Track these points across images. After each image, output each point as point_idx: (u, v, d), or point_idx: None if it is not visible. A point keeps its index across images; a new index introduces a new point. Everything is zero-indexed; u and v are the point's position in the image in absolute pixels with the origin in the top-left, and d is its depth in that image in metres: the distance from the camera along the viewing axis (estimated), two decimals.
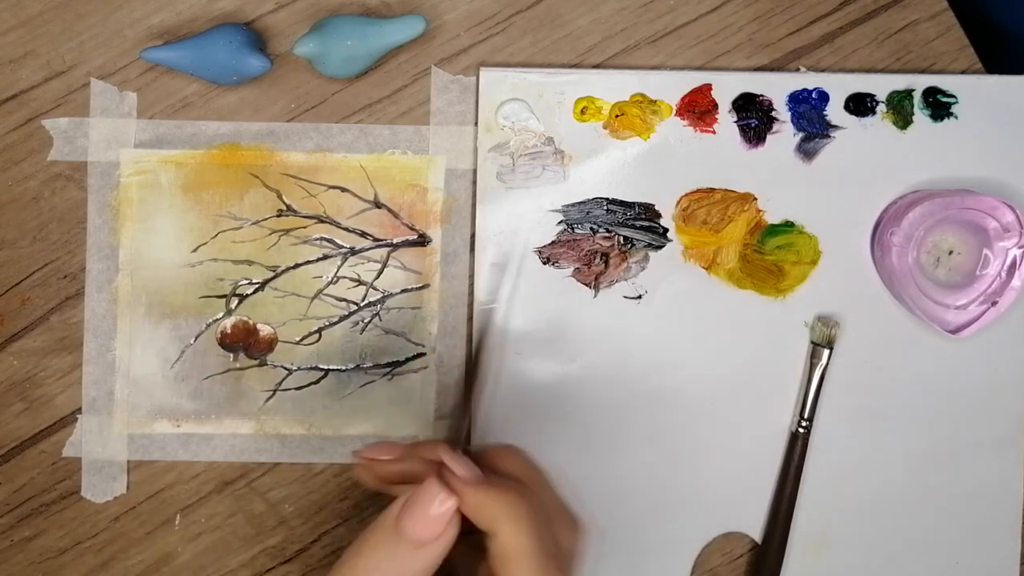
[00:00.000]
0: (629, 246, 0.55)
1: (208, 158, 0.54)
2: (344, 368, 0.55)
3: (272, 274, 0.54)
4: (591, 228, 0.55)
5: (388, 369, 0.55)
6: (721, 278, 0.55)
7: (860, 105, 0.55)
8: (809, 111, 0.55)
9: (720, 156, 0.55)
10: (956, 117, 0.55)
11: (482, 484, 0.38)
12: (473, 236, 0.55)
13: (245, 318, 0.55)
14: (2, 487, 0.54)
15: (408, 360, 0.55)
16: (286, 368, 0.55)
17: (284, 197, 0.54)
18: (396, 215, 0.55)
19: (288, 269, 0.55)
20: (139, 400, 0.54)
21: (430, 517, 0.37)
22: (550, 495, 0.41)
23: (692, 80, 0.55)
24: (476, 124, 0.55)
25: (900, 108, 0.55)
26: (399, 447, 0.43)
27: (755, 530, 0.56)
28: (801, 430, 0.55)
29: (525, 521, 0.37)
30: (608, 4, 0.55)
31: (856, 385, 0.55)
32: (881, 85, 0.55)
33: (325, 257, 0.55)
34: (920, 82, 0.55)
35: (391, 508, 0.39)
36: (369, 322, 0.55)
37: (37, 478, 0.54)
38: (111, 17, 0.54)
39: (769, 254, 0.55)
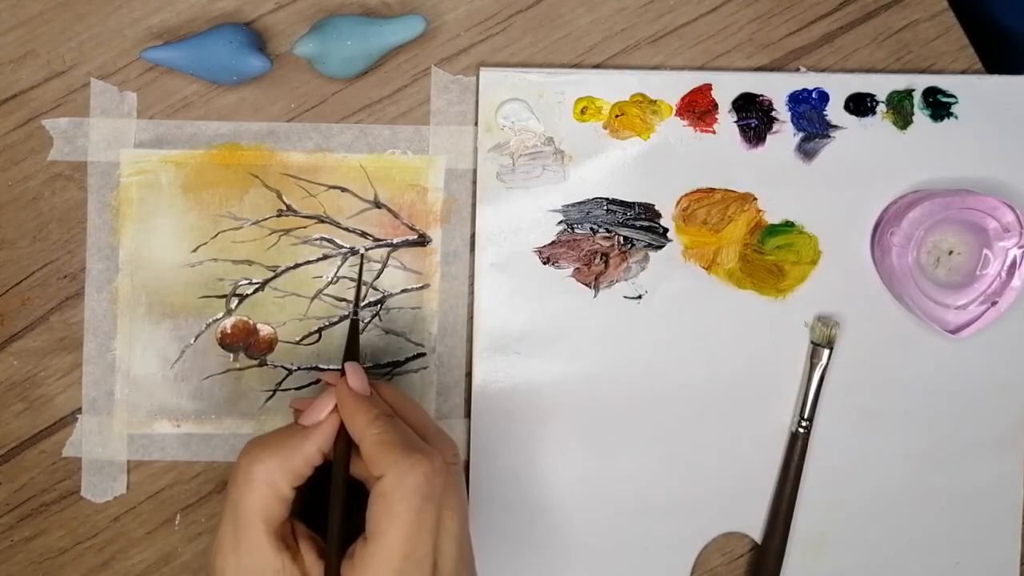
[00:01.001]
0: (629, 246, 0.55)
1: (208, 158, 0.54)
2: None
3: (272, 274, 0.54)
4: (591, 228, 0.55)
5: (388, 369, 0.55)
6: (721, 278, 0.55)
7: (860, 105, 0.55)
8: (809, 111, 0.55)
9: (720, 156, 0.55)
10: (956, 117, 0.55)
11: (360, 398, 0.46)
12: (473, 236, 0.55)
13: (245, 318, 0.55)
14: (2, 487, 0.54)
15: (408, 360, 0.55)
16: (286, 368, 0.55)
17: (284, 197, 0.54)
18: (396, 215, 0.55)
19: (288, 269, 0.55)
20: (139, 400, 0.54)
21: (318, 405, 0.46)
22: (420, 418, 0.48)
23: (692, 80, 0.55)
24: (476, 124, 0.55)
25: (900, 108, 0.55)
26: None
27: (755, 530, 0.56)
28: (801, 430, 0.55)
29: (383, 429, 0.44)
30: (608, 4, 0.55)
31: (856, 385, 0.55)
32: (881, 85, 0.55)
33: (325, 257, 0.55)
34: (920, 82, 0.55)
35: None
36: (369, 322, 0.55)
37: (37, 478, 0.54)
38: (111, 17, 0.54)
39: (769, 254, 0.55)
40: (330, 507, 0.45)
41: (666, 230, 0.55)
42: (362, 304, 0.55)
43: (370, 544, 0.42)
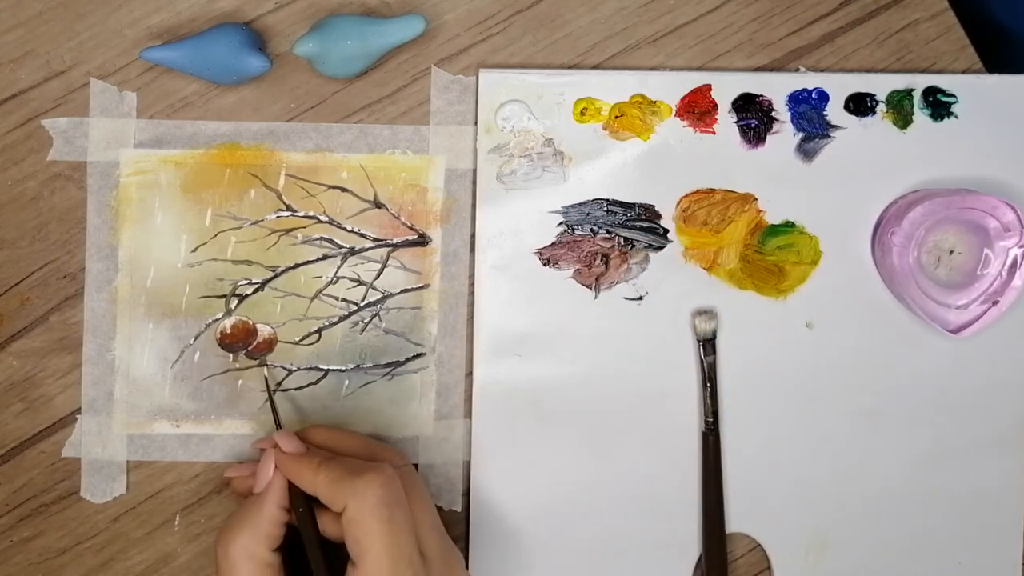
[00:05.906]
0: (629, 247, 0.55)
1: (208, 158, 0.54)
2: (344, 368, 0.55)
3: (272, 274, 0.54)
4: (591, 229, 0.55)
5: (388, 369, 0.55)
6: (722, 279, 0.55)
7: (860, 105, 0.55)
8: (809, 111, 0.55)
9: (720, 156, 0.55)
10: (956, 117, 0.55)
11: (298, 457, 0.48)
12: (473, 236, 0.55)
13: (245, 318, 0.54)
14: (2, 487, 0.54)
15: (408, 360, 0.55)
16: (286, 368, 0.55)
17: (284, 197, 0.54)
18: (396, 215, 0.55)
19: (288, 269, 0.54)
20: (138, 400, 0.54)
21: (263, 469, 0.49)
22: (357, 442, 0.51)
23: (692, 80, 0.55)
24: (476, 124, 0.55)
25: (900, 108, 0.55)
26: (249, 465, 0.52)
27: (757, 530, 0.56)
28: (708, 430, 0.54)
29: (328, 470, 0.46)
30: (608, 4, 0.55)
31: (857, 385, 0.55)
32: (881, 85, 0.55)
33: (325, 257, 0.55)
34: (920, 82, 0.55)
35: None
36: (369, 322, 0.55)
37: (37, 478, 0.54)
38: (111, 17, 0.54)
39: (770, 254, 0.55)
40: (310, 558, 0.48)
41: (666, 231, 0.55)
42: (362, 304, 0.55)
43: (359, 567, 0.44)
